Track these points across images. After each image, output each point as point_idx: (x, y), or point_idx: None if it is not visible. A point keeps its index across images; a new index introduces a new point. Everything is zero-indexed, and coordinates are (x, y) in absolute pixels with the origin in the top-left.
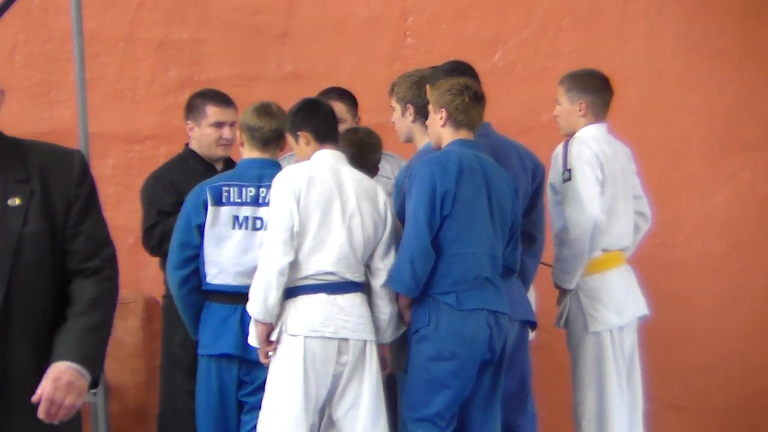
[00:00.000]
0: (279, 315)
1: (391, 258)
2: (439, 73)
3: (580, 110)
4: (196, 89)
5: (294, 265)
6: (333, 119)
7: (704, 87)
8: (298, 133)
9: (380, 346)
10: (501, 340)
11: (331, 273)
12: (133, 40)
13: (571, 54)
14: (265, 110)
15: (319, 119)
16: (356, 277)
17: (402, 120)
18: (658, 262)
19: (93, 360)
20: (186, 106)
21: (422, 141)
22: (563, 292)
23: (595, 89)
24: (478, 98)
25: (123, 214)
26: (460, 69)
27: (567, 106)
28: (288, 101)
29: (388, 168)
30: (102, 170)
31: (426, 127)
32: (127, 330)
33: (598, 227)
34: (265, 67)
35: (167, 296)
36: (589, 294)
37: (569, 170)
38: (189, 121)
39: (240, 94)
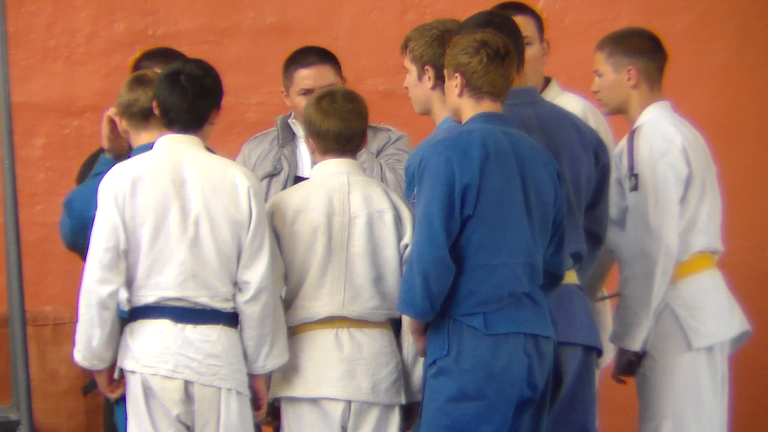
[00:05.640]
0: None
1: (261, 266)
2: (470, 26)
3: (629, 79)
4: (150, 47)
5: (131, 289)
6: (193, 96)
7: None
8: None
9: (253, 377)
10: (544, 373)
11: (177, 298)
12: None
13: (636, 1)
14: (138, 80)
15: (174, 95)
16: (217, 302)
17: (418, 86)
18: (750, 269)
19: None
20: (132, 69)
21: (443, 113)
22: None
23: (647, 51)
24: (500, 56)
25: (57, 208)
26: (496, 21)
27: (611, 75)
28: (270, 61)
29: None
30: (30, 151)
31: None
32: (62, 359)
33: (670, 257)
34: (241, 17)
35: None
36: (686, 301)
37: (636, 176)
38: None
39: (209, 52)
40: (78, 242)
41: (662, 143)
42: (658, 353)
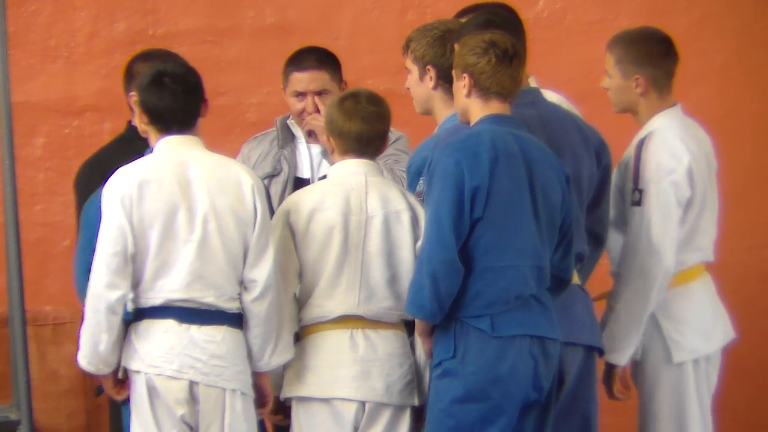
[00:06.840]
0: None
1: (267, 264)
2: (471, 26)
3: (636, 86)
4: (150, 47)
5: (137, 291)
6: (184, 95)
7: None
8: (141, 115)
9: (258, 375)
10: (550, 376)
11: (184, 299)
12: None
13: (636, 1)
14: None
15: (165, 98)
16: (223, 301)
17: (420, 86)
18: (750, 269)
19: None
20: (125, 71)
21: (444, 113)
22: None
23: (656, 58)
24: (508, 57)
25: (57, 208)
26: (497, 21)
27: (619, 80)
28: (270, 61)
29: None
30: (30, 151)
31: (450, 95)
32: (62, 359)
33: (668, 278)
34: (241, 17)
35: None
36: (672, 313)
37: (640, 191)
38: (132, 92)
39: (208, 52)
40: None
41: (669, 161)
42: (643, 365)
